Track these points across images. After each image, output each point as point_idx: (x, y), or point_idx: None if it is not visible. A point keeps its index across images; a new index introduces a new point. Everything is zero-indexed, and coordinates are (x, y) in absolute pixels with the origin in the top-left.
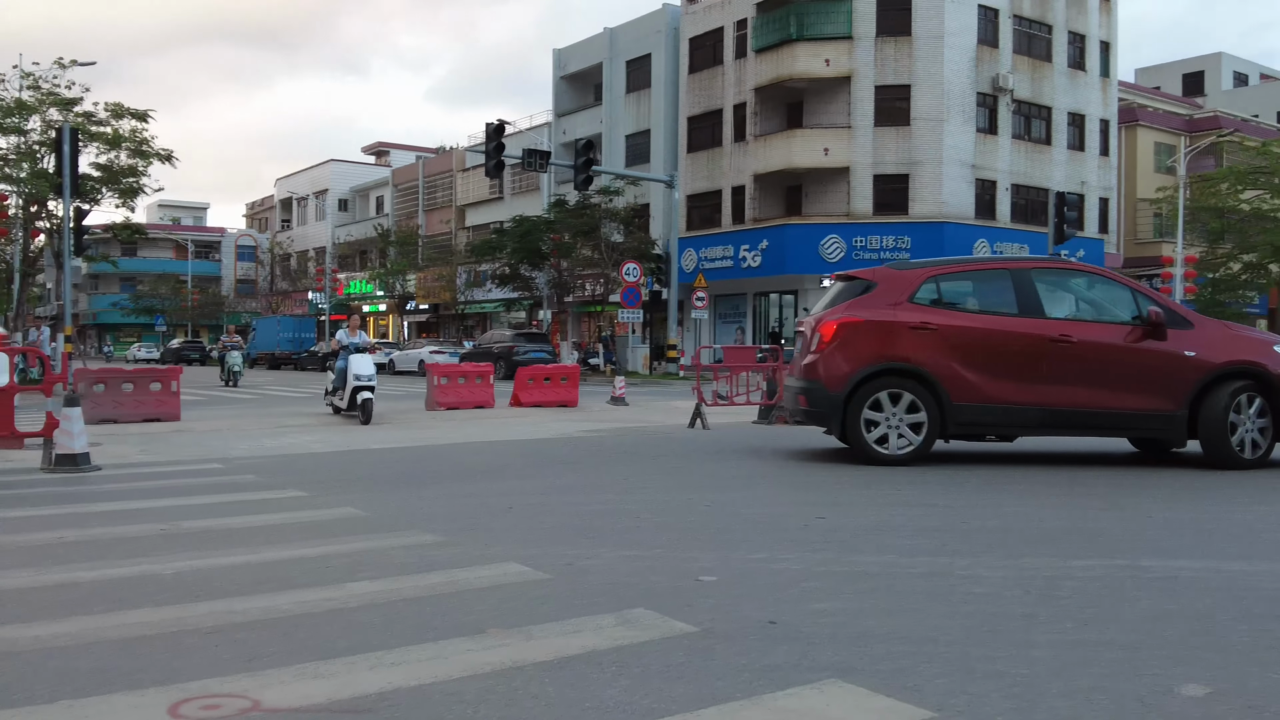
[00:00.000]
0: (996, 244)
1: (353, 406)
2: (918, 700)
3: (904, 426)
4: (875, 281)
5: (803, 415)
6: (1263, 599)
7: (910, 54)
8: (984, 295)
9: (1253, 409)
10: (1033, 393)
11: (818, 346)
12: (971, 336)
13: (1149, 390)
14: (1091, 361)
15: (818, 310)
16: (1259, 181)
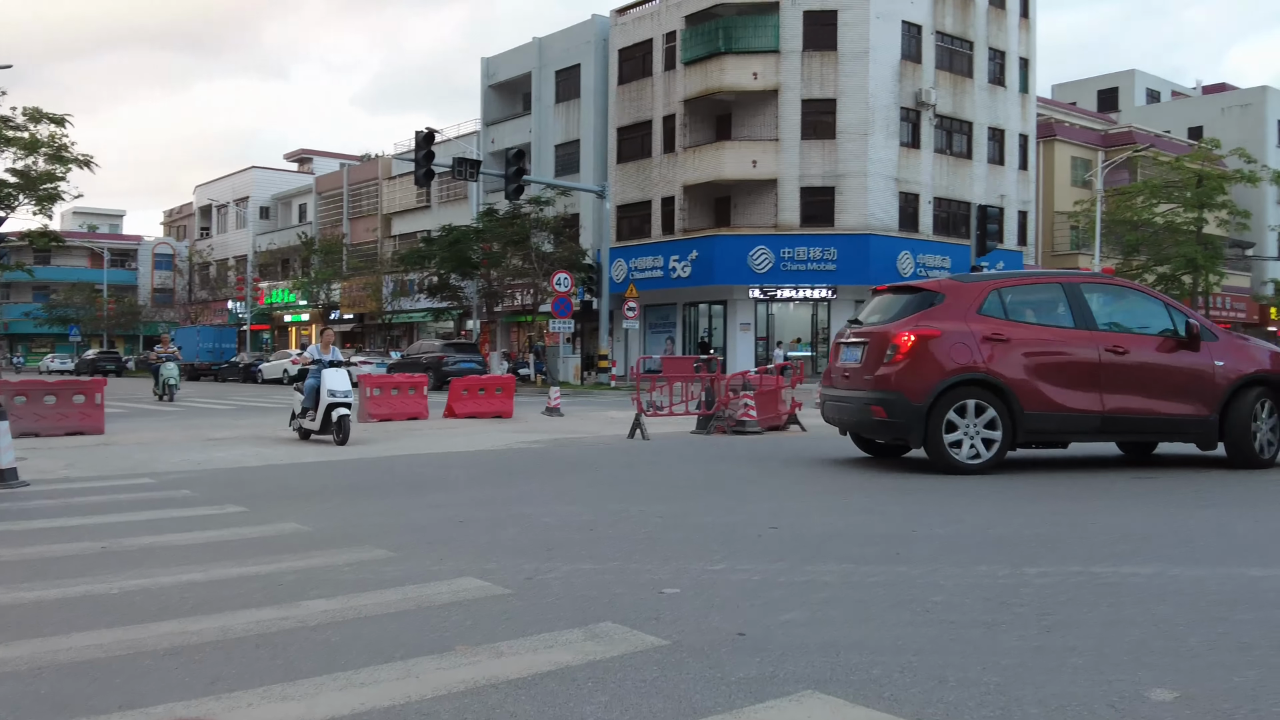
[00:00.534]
0: (919, 255)
1: (326, 427)
2: (896, 710)
3: (980, 436)
4: (942, 293)
5: (878, 427)
6: (1215, 603)
7: (836, 69)
8: (1041, 308)
9: (1265, 413)
10: (1091, 401)
11: (895, 358)
12: (1038, 347)
13: (1188, 397)
14: (1139, 371)
15: (874, 321)
16: (1172, 195)
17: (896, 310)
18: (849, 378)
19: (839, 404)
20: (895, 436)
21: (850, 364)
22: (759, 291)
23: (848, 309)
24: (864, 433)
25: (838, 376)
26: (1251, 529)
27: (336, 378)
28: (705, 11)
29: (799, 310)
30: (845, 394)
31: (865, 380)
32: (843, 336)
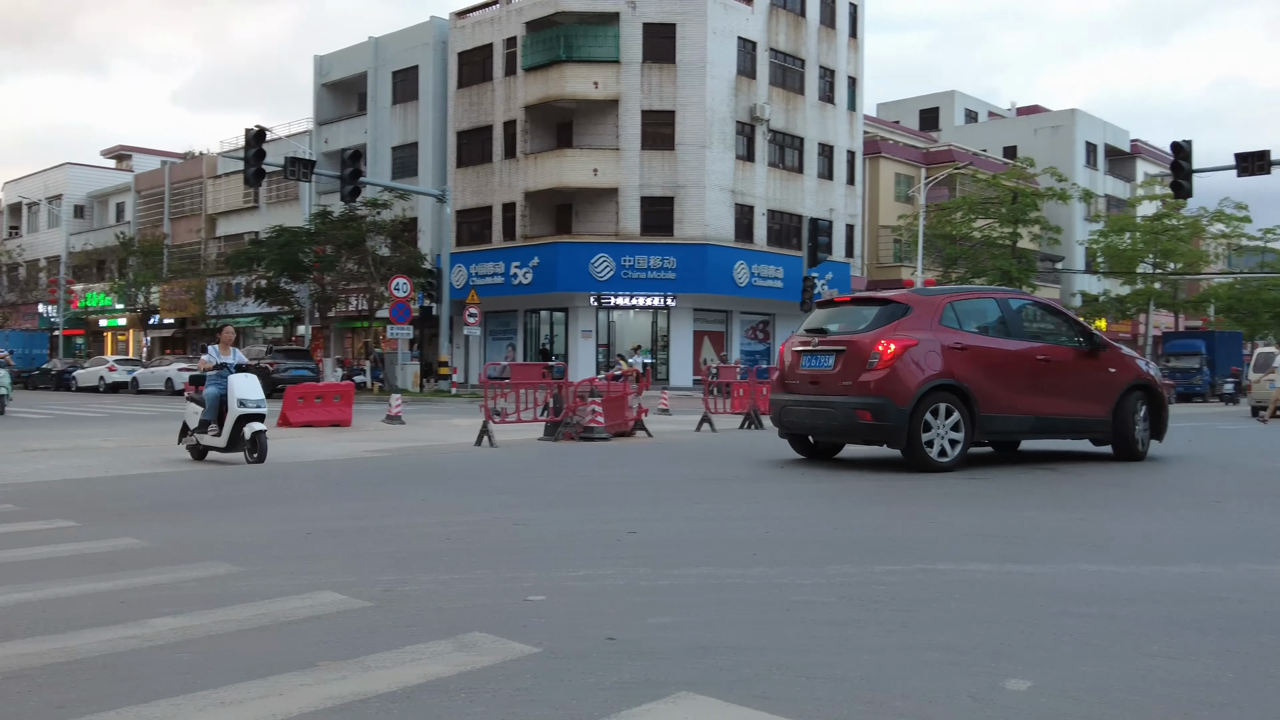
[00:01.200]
0: (754, 266)
1: (235, 444)
2: (770, 708)
3: (947, 438)
4: (909, 305)
5: (864, 430)
6: (1054, 597)
7: (675, 81)
8: (983, 320)
9: (1141, 414)
10: (1030, 404)
11: (879, 365)
12: (989, 355)
13: (1093, 400)
14: (1061, 378)
15: (842, 331)
16: (989, 211)
17: (869, 320)
18: (819, 384)
19: (811, 408)
20: (880, 439)
21: (821, 370)
22: (600, 299)
23: (687, 317)
24: (844, 436)
25: (801, 383)
26: (1086, 528)
27: (246, 384)
28: (546, 19)
29: (640, 318)
30: (820, 399)
31: (846, 386)
32: (808, 344)
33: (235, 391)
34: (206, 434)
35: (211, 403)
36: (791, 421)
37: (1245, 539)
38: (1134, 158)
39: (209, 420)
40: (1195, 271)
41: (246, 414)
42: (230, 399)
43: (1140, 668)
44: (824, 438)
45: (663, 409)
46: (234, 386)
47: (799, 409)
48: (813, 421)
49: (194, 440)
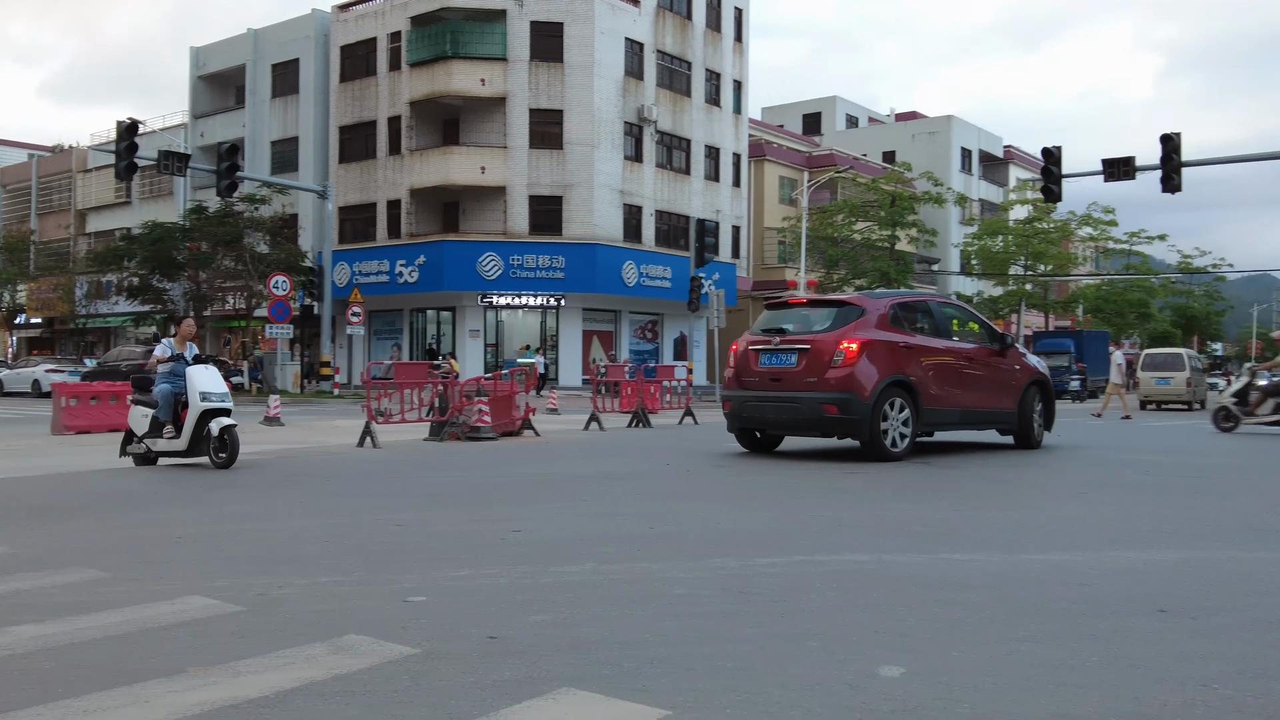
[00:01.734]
0: (643, 266)
1: (198, 446)
2: (650, 700)
3: (899, 430)
4: (862, 307)
5: (830, 423)
6: (927, 586)
7: (562, 80)
8: (919, 321)
9: (1039, 406)
10: (959, 398)
11: (843, 362)
12: (928, 354)
13: (1005, 394)
14: (982, 374)
15: (802, 331)
16: (869, 214)
17: (828, 321)
18: (781, 381)
19: (775, 404)
20: (844, 432)
21: (784, 368)
22: (488, 298)
23: (576, 317)
24: (808, 430)
25: (761, 380)
26: (960, 519)
27: (207, 377)
28: (431, 14)
29: (528, 317)
30: (785, 395)
31: (811, 383)
32: (767, 343)
33: (196, 384)
34: (161, 438)
35: (165, 401)
36: (751, 417)
37: (1110, 527)
38: (1007, 163)
39: (165, 420)
40: (1065, 273)
41: (211, 409)
42: (190, 393)
43: (1008, 652)
44: (787, 431)
45: (551, 408)
46: (194, 380)
47: (761, 405)
48: (777, 416)
49: (142, 448)
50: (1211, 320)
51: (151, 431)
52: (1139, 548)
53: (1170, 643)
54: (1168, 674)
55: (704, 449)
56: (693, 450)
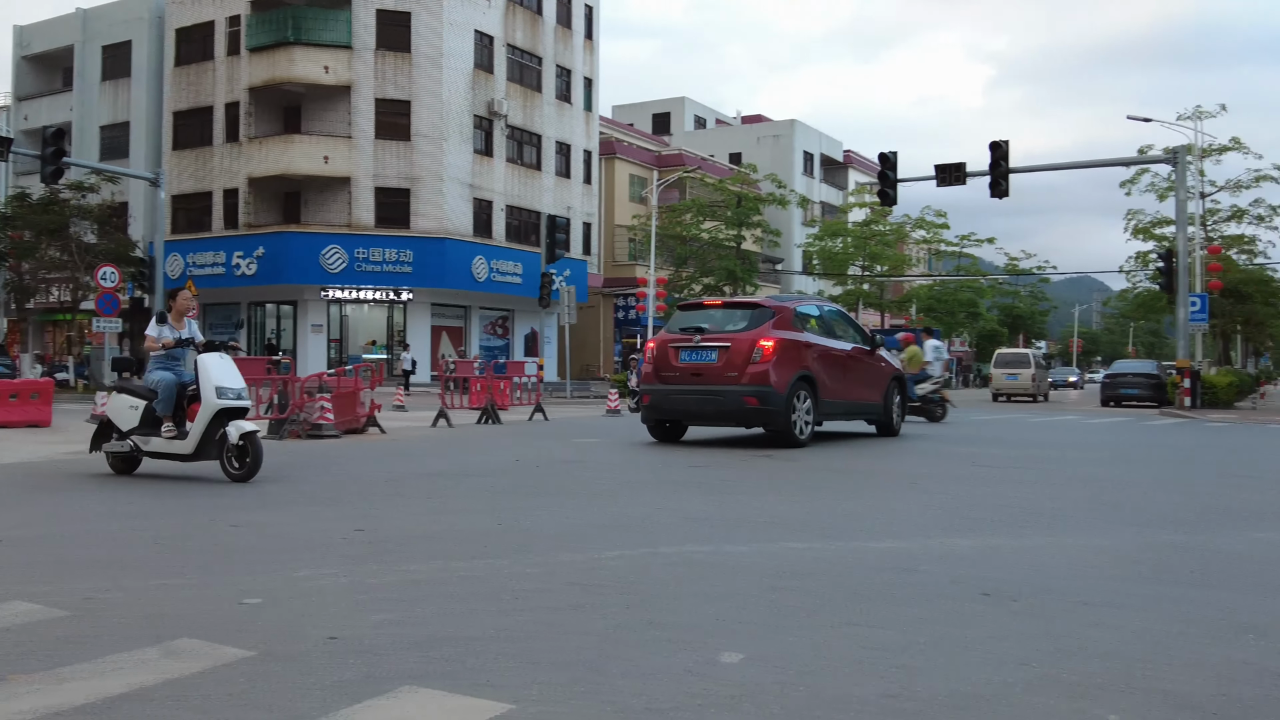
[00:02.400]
0: (493, 261)
1: (206, 448)
2: (494, 695)
3: (804, 419)
4: (773, 309)
5: (749, 413)
6: (766, 574)
7: (410, 70)
8: (814, 323)
9: (896, 399)
10: (844, 392)
11: (762, 359)
12: (823, 352)
13: (875, 389)
14: (860, 371)
15: (718, 330)
16: (716, 214)
17: (744, 322)
18: (702, 375)
19: (698, 396)
20: (762, 421)
21: (705, 363)
22: (332, 292)
23: (425, 312)
24: (729, 420)
25: (682, 375)
26: (799, 509)
27: (223, 367)
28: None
29: (374, 312)
30: (706, 388)
31: (732, 377)
32: (687, 341)
33: (211, 376)
34: (157, 435)
35: (168, 392)
36: (673, 409)
37: (938, 514)
38: (846, 167)
39: (165, 414)
40: (900, 274)
41: (228, 406)
42: (203, 387)
43: (843, 636)
44: (708, 422)
45: (398, 405)
46: (209, 370)
47: (683, 397)
48: (700, 408)
49: (126, 446)
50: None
51: (143, 427)
52: (966, 535)
53: (993, 624)
54: (990, 654)
55: (553, 446)
56: (543, 447)
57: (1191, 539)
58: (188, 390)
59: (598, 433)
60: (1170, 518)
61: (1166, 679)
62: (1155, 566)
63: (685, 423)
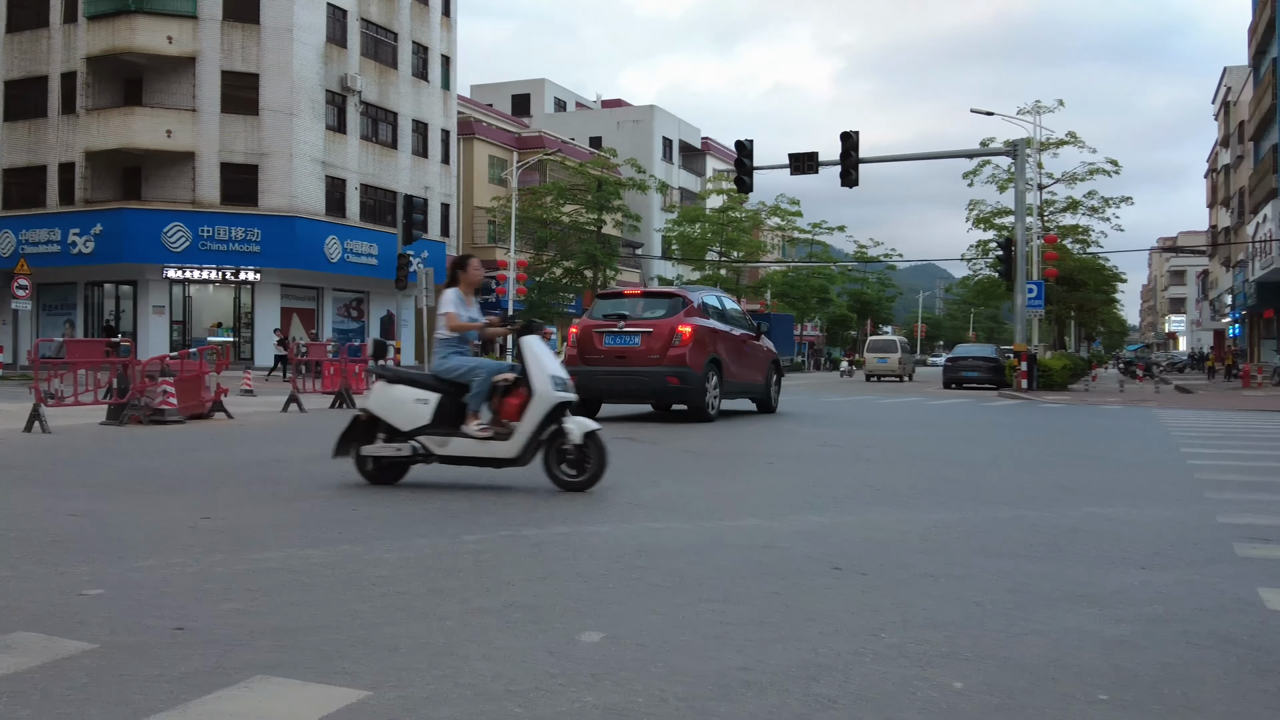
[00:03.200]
0: (347, 241)
1: (532, 451)
2: (350, 683)
3: (714, 396)
4: (686, 299)
5: (670, 392)
6: (627, 554)
7: (259, 43)
8: (715, 311)
9: (776, 381)
10: (740, 374)
11: (681, 343)
12: (724, 338)
13: (760, 371)
14: (751, 355)
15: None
16: (577, 197)
17: (663, 310)
18: (625, 358)
19: (623, 377)
20: (681, 399)
21: (628, 347)
22: (175, 272)
23: (274, 293)
24: (651, 398)
25: (607, 358)
26: (654, 490)
27: (549, 353)
28: None
29: (220, 293)
30: (631, 370)
31: (654, 359)
32: (611, 327)
33: (543, 363)
34: (464, 436)
35: (484, 382)
36: (598, 388)
37: (792, 493)
38: (704, 154)
39: (474, 412)
40: (755, 260)
41: (563, 400)
42: (534, 376)
43: (701, 612)
44: (631, 400)
45: (246, 390)
46: (537, 356)
47: (608, 378)
48: (624, 387)
49: (405, 450)
50: (883, 305)
51: (437, 424)
52: (819, 512)
53: (844, 597)
54: (842, 626)
55: None
56: None
57: (1030, 514)
58: (504, 382)
59: None
60: (1010, 494)
61: (1007, 647)
62: (996, 540)
63: (609, 401)
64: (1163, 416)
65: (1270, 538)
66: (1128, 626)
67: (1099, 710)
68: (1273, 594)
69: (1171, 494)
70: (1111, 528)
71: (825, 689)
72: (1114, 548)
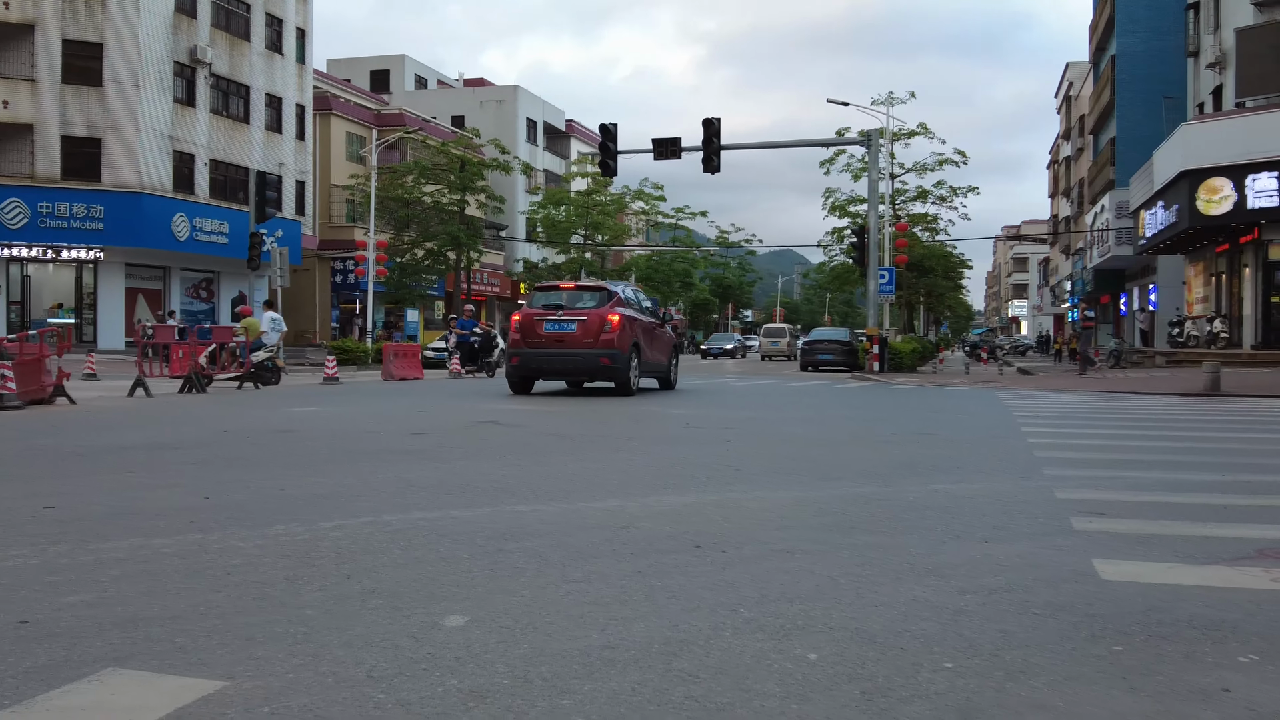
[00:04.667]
0: (196, 219)
1: None
2: (206, 673)
3: (635, 374)
4: (612, 291)
5: (602, 370)
6: (490, 538)
7: (103, 10)
8: (631, 303)
9: (677, 363)
10: (652, 357)
11: (610, 330)
12: (640, 325)
13: (664, 354)
14: (659, 341)
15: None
16: (439, 177)
17: (594, 301)
18: (563, 342)
19: (562, 358)
20: (611, 377)
21: (566, 333)
22: (11, 250)
23: (118, 272)
24: (586, 375)
25: (547, 342)
26: (521, 474)
27: None
28: None
29: (61, 272)
30: (569, 352)
31: (589, 344)
32: (550, 315)
33: None
34: None
35: None
36: (540, 367)
37: (654, 474)
38: (569, 136)
39: None
40: (619, 243)
41: None
42: None
43: (564, 593)
44: (568, 378)
45: (89, 374)
46: None
47: (549, 358)
48: (563, 367)
49: None
50: (744, 290)
51: None
52: (680, 492)
53: (704, 574)
54: (702, 602)
55: (266, 415)
56: (254, 416)
57: (880, 491)
58: None
59: (314, 401)
60: (861, 472)
61: (859, 618)
62: (849, 516)
63: (549, 379)
64: (1005, 397)
65: (1105, 512)
66: (971, 597)
67: (944, 677)
68: (1106, 565)
69: (1012, 470)
70: (956, 503)
71: (685, 664)
72: (958, 522)
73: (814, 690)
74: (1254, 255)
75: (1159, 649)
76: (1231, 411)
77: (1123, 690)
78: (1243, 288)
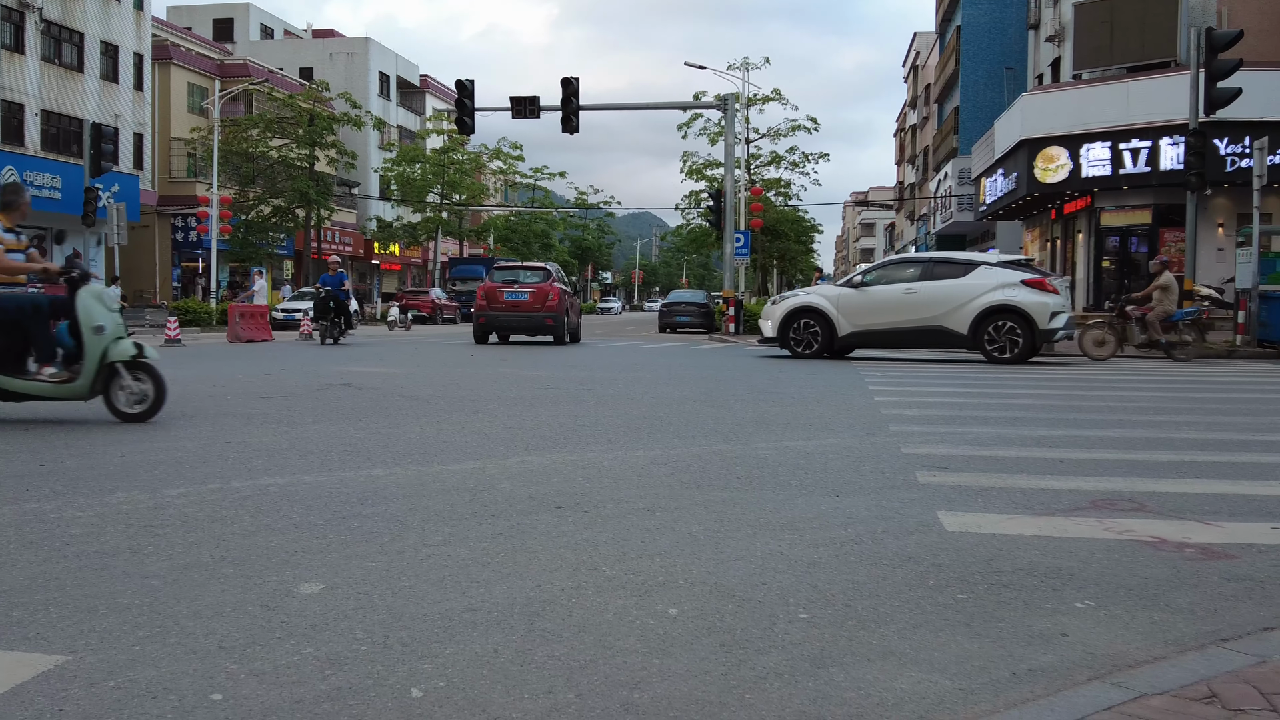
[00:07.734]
0: (26, 172)
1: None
2: (45, 648)
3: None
4: (549, 271)
5: (545, 328)
6: (346, 503)
7: None
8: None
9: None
10: (572, 319)
11: (551, 301)
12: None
13: (578, 316)
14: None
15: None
16: (286, 131)
17: (540, 277)
18: (517, 308)
19: (517, 319)
20: (551, 333)
21: (520, 300)
22: None
23: None
24: (535, 333)
25: (507, 306)
26: (378, 437)
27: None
28: None
29: None
30: (522, 314)
31: (536, 309)
32: (509, 287)
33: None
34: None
35: None
36: (501, 325)
37: (513, 435)
38: (424, 92)
39: None
40: (477, 203)
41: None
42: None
43: (424, 557)
44: (522, 334)
45: None
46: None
47: (510, 319)
48: (520, 325)
49: None
50: (603, 252)
51: None
52: (539, 453)
53: (565, 534)
54: (564, 562)
55: None
56: None
57: (734, 448)
58: None
59: None
60: (716, 430)
61: (717, 573)
62: (704, 474)
63: (507, 334)
64: (854, 358)
65: (948, 466)
66: (823, 550)
67: (799, 627)
68: (950, 517)
69: (860, 427)
70: (806, 459)
71: (548, 624)
72: (809, 477)
73: (675, 645)
74: (1087, 221)
75: (1000, 596)
76: (1063, 372)
77: (967, 636)
78: (1076, 252)
